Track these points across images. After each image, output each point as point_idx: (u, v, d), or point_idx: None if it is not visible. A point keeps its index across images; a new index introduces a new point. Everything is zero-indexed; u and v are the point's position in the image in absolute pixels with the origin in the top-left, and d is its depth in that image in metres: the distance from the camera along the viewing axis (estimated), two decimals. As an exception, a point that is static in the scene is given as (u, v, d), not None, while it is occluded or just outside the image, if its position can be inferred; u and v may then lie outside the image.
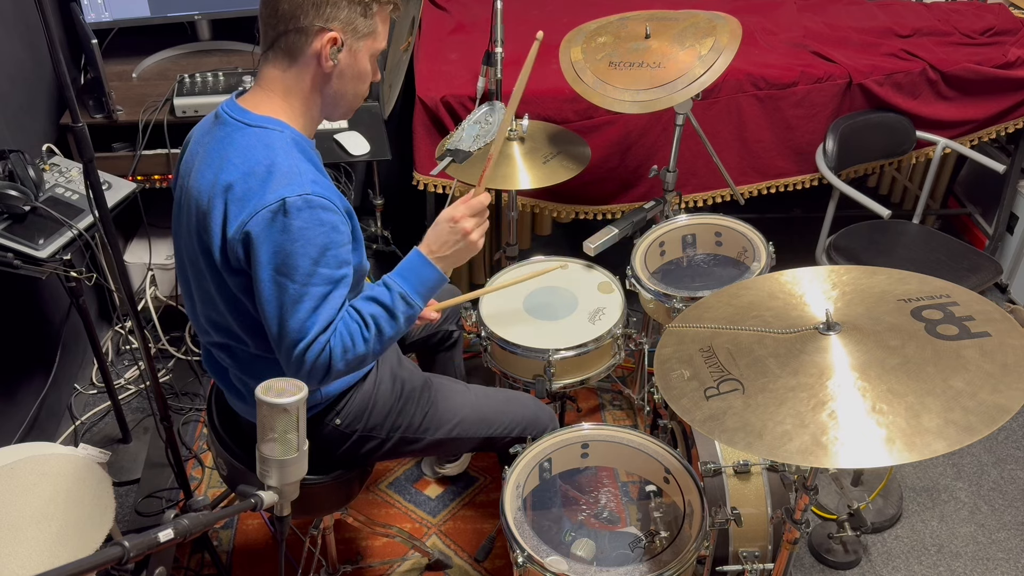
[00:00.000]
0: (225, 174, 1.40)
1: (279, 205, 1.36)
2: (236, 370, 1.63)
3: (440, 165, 2.21)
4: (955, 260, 2.59)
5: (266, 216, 1.36)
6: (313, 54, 1.42)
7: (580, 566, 1.58)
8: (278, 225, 1.36)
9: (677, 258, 2.38)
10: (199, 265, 1.49)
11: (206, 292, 1.52)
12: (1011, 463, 2.53)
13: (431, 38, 2.94)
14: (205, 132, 1.51)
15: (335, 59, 1.43)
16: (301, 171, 1.40)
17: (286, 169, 1.39)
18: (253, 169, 1.39)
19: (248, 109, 1.45)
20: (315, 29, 1.40)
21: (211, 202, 1.41)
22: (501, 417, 1.87)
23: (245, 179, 1.38)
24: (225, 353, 1.62)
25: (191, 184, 1.46)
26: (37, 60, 2.53)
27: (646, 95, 2.15)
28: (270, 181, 1.37)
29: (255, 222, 1.36)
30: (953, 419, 1.18)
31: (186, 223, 1.49)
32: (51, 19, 1.53)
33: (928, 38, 2.96)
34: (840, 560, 2.22)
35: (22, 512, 1.66)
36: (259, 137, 1.42)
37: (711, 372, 1.39)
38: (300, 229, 1.37)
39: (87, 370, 2.81)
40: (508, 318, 2.18)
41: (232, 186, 1.39)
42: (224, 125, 1.46)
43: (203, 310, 1.57)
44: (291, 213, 1.36)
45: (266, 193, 1.37)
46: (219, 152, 1.43)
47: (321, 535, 1.96)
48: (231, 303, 1.49)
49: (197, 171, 1.46)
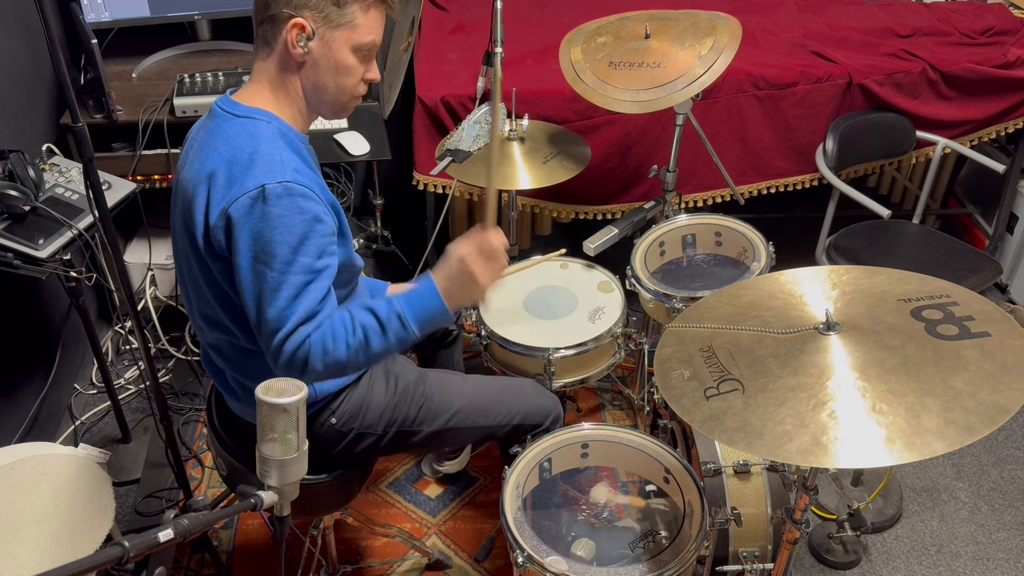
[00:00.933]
0: (210, 162, 1.42)
1: (258, 191, 1.37)
2: (231, 370, 1.63)
3: (440, 165, 2.21)
4: (955, 260, 2.59)
5: (245, 202, 1.37)
6: (283, 42, 1.44)
7: (580, 566, 1.58)
8: (257, 212, 1.37)
9: (677, 258, 2.38)
10: (188, 256, 1.51)
11: (196, 284, 1.53)
12: (1011, 463, 2.53)
13: (431, 38, 2.94)
14: (199, 127, 1.54)
15: (304, 46, 1.44)
16: (283, 160, 1.41)
17: (268, 157, 1.40)
18: (236, 157, 1.40)
19: (239, 102, 1.48)
20: (284, 16, 1.42)
21: (195, 190, 1.43)
22: (499, 406, 1.85)
23: (228, 166, 1.40)
24: (217, 353, 1.63)
25: (182, 176, 1.49)
26: (37, 60, 2.53)
27: (646, 95, 2.15)
28: (251, 168, 1.39)
29: (235, 208, 1.37)
30: (953, 419, 1.18)
31: (178, 215, 1.51)
32: (51, 19, 1.54)
33: (928, 38, 2.96)
34: (840, 560, 2.22)
35: (22, 512, 1.66)
36: (245, 127, 1.44)
37: (711, 372, 1.39)
38: (279, 216, 1.37)
39: (87, 370, 2.81)
40: (508, 317, 2.18)
41: (215, 173, 1.41)
42: (215, 117, 1.49)
43: (197, 305, 1.58)
44: (270, 200, 1.36)
45: (247, 180, 1.38)
46: (208, 143, 1.45)
47: (321, 535, 1.96)
48: (218, 293, 1.50)
49: (188, 163, 1.49)
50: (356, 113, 2.55)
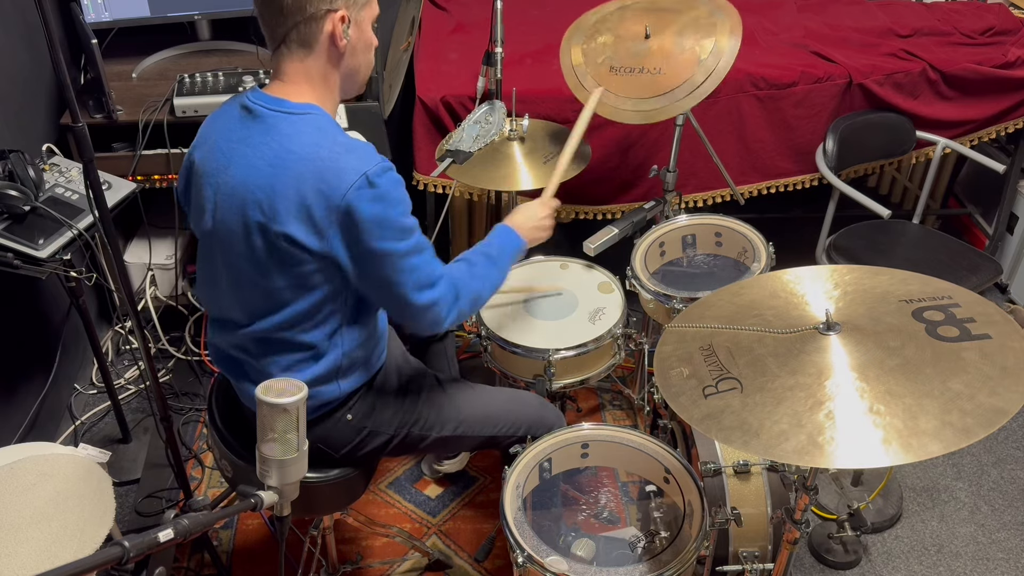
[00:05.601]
0: (286, 164, 1.42)
1: (363, 179, 1.40)
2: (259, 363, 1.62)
3: (440, 167, 2.21)
4: (955, 260, 2.59)
5: (356, 192, 1.40)
6: (327, 37, 1.45)
7: (580, 566, 1.58)
8: (368, 196, 1.41)
9: (677, 258, 2.38)
10: (255, 256, 1.49)
11: (257, 282, 1.52)
12: (1011, 463, 2.53)
13: (431, 38, 2.94)
14: (235, 126, 1.50)
15: (347, 36, 1.47)
16: (362, 144, 1.46)
17: (351, 146, 1.44)
18: (317, 154, 1.41)
19: (284, 99, 1.47)
20: (323, 13, 1.43)
21: (276, 192, 1.42)
22: (505, 416, 1.87)
23: (313, 164, 1.41)
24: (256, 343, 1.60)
25: (232, 179, 1.47)
26: (37, 60, 2.53)
27: (647, 104, 2.16)
28: (342, 160, 1.41)
29: (350, 199, 1.40)
30: (950, 421, 1.18)
31: (233, 218, 1.48)
32: (51, 19, 1.53)
33: (928, 38, 2.96)
34: (840, 560, 2.22)
35: (22, 512, 1.66)
36: (307, 123, 1.45)
37: (710, 371, 1.39)
38: (388, 194, 1.44)
39: (87, 370, 2.81)
40: (508, 318, 2.18)
41: (302, 175, 1.41)
42: (262, 117, 1.47)
43: (242, 299, 1.57)
44: (377, 184, 1.41)
45: (346, 172, 1.40)
46: (267, 144, 1.44)
47: (321, 535, 1.96)
48: (297, 288, 1.51)
49: (238, 165, 1.46)
50: (356, 113, 2.56)
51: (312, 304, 1.53)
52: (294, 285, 1.50)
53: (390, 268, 1.48)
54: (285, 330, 1.56)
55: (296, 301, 1.52)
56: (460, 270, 1.64)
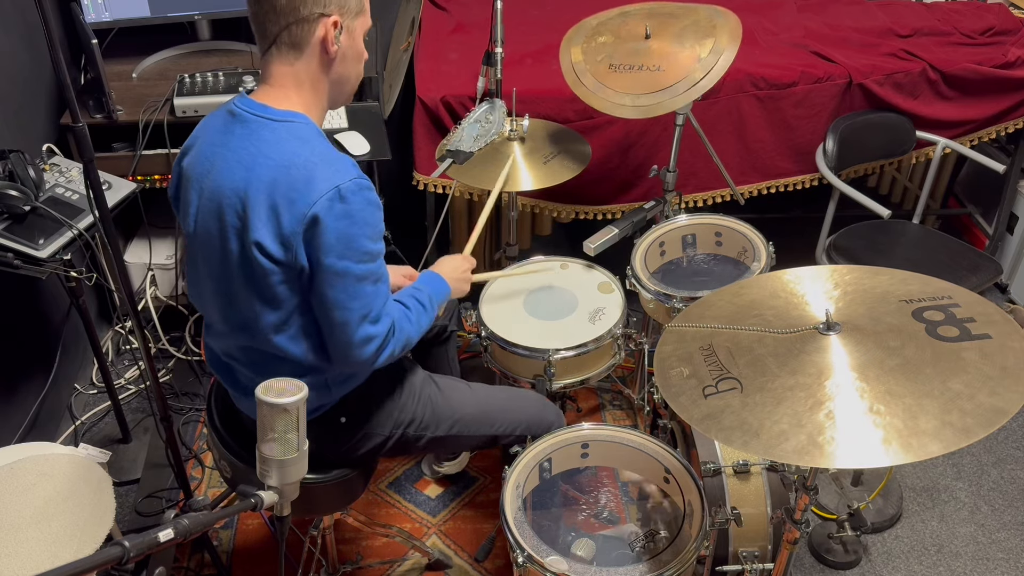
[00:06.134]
0: (261, 170, 1.40)
1: (335, 192, 1.38)
2: (250, 372, 1.62)
3: (441, 167, 2.22)
4: (955, 260, 2.59)
5: (325, 204, 1.38)
6: (317, 42, 1.44)
7: (580, 566, 1.58)
8: (337, 211, 1.38)
9: (677, 258, 2.38)
10: (226, 261, 1.48)
11: (231, 290, 1.51)
12: (1011, 463, 2.53)
13: (431, 38, 2.94)
14: (219, 131, 1.50)
15: (339, 42, 1.46)
16: (342, 158, 1.44)
17: (329, 157, 1.42)
18: (292, 161, 1.40)
19: (268, 105, 1.46)
20: (315, 16, 1.42)
21: (249, 198, 1.41)
22: (503, 415, 1.87)
23: (287, 172, 1.39)
24: (242, 353, 1.60)
25: (213, 183, 1.46)
26: (37, 60, 2.53)
27: (646, 100, 2.15)
28: (317, 171, 1.39)
29: (316, 211, 1.38)
30: (950, 421, 1.18)
31: (212, 223, 1.48)
32: (51, 19, 1.53)
33: (928, 38, 2.96)
34: (840, 560, 2.22)
35: (22, 512, 1.66)
36: (289, 131, 1.44)
37: (710, 370, 1.39)
38: (358, 212, 1.41)
39: (87, 370, 2.81)
40: (508, 318, 2.18)
41: (275, 181, 1.39)
42: (246, 122, 1.46)
43: (225, 310, 1.56)
44: (348, 199, 1.39)
45: (317, 183, 1.38)
46: (246, 148, 1.43)
47: (321, 535, 1.96)
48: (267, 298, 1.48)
49: (219, 170, 1.46)
50: (356, 113, 2.56)
51: (280, 319, 1.50)
52: (267, 297, 1.48)
53: (340, 289, 1.44)
54: (262, 344, 1.55)
55: (266, 314, 1.50)
56: (398, 311, 1.59)
